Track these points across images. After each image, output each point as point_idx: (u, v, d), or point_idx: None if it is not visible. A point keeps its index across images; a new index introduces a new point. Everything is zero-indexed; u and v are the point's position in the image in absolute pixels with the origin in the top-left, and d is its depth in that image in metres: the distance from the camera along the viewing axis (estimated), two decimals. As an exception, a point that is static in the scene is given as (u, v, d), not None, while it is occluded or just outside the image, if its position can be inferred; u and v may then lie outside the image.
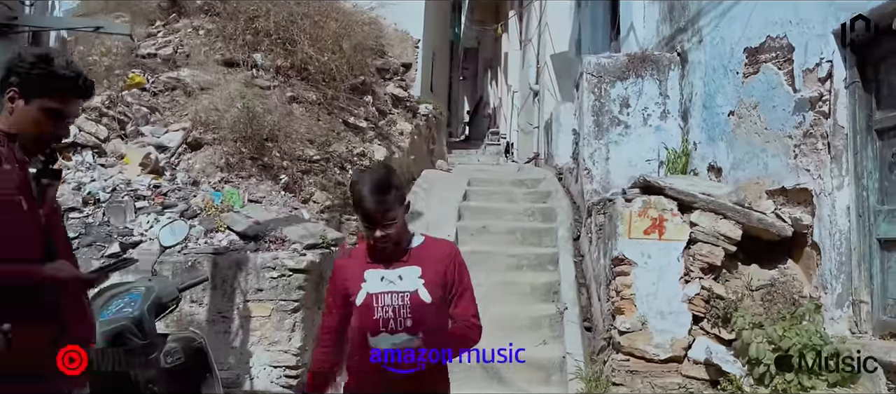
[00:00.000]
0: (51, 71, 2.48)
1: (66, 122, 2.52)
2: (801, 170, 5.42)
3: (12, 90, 2.49)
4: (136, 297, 3.43)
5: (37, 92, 2.47)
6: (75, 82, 2.50)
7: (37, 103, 2.47)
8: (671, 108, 7.68)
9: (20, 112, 2.48)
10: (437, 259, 2.80)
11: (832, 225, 5.11)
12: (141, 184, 5.77)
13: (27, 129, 2.47)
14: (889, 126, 4.86)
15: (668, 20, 8.00)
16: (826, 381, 4.66)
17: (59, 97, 2.48)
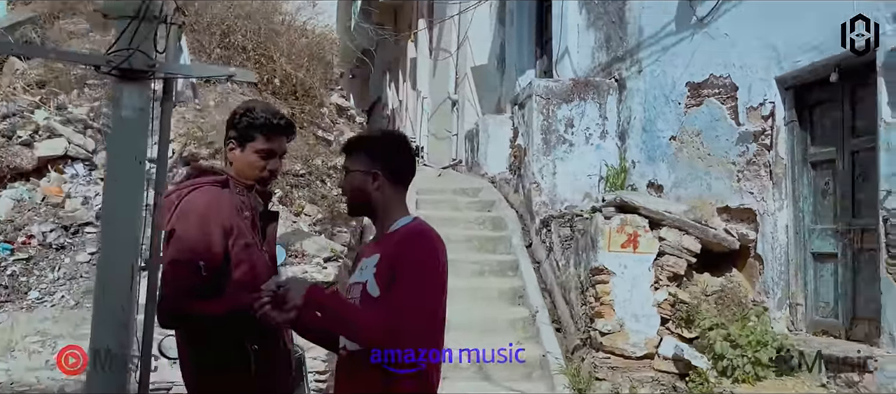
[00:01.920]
0: (254, 118, 2.84)
1: (277, 159, 2.87)
2: (744, 192, 6.39)
3: (230, 143, 2.84)
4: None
5: (247, 139, 2.83)
6: (274, 122, 2.86)
7: (250, 147, 2.83)
8: (609, 128, 8.57)
9: (239, 159, 2.83)
10: (395, 245, 2.34)
11: (774, 240, 6.11)
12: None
13: (248, 172, 2.82)
14: (821, 159, 5.90)
15: (605, 48, 8.88)
16: (775, 371, 5.62)
17: (264, 138, 2.84)
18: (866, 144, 5.41)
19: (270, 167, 2.87)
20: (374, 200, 2.43)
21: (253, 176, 2.84)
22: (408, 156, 2.56)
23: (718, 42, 6.78)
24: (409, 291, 2.23)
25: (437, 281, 2.33)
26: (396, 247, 2.33)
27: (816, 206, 5.94)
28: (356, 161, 2.46)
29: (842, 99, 5.65)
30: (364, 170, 2.43)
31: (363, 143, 2.53)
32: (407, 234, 2.37)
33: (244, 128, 2.82)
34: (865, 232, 5.42)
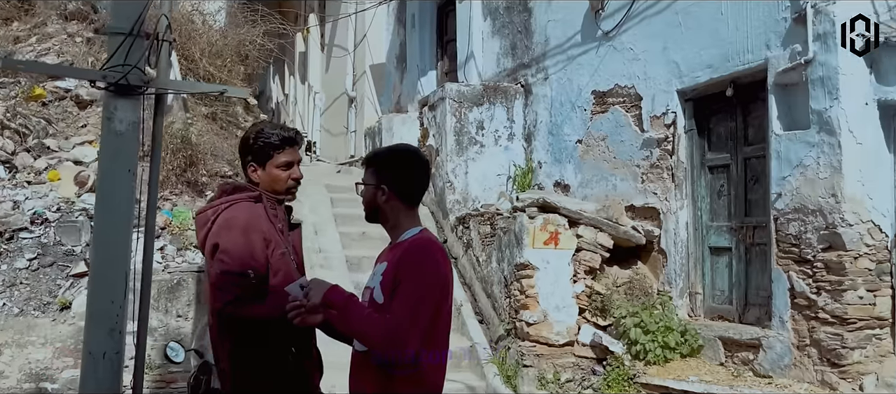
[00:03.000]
0: (268, 137, 3.05)
1: (296, 166, 3.08)
2: (648, 193, 7.09)
3: (251, 165, 3.04)
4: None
5: (266, 158, 3.04)
6: (286, 136, 3.08)
7: (270, 164, 3.03)
8: (517, 131, 9.11)
9: (264, 178, 3.03)
10: (400, 256, 2.53)
11: (676, 236, 6.83)
12: (88, 203, 5.73)
13: (276, 186, 3.03)
14: (717, 164, 6.67)
15: (511, 55, 9.40)
16: (680, 353, 6.33)
17: (281, 152, 3.05)
18: (757, 152, 6.21)
19: (293, 176, 3.08)
20: (383, 211, 2.63)
21: (281, 188, 3.05)
22: (416, 172, 2.71)
23: (623, 55, 7.44)
24: (407, 301, 2.41)
25: (435, 290, 2.50)
26: (402, 257, 2.51)
27: (713, 205, 6.71)
28: (368, 176, 2.69)
29: (735, 111, 6.42)
30: (374, 184, 2.64)
31: (374, 159, 2.75)
32: (410, 246, 2.56)
33: (260, 149, 3.02)
34: (756, 229, 6.22)
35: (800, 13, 5.61)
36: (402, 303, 2.41)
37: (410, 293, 2.43)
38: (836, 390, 5.30)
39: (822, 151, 5.44)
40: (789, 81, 5.73)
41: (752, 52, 6.04)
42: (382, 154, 2.82)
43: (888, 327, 5.41)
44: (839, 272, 5.32)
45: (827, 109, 5.40)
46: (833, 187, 5.37)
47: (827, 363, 5.38)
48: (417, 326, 2.42)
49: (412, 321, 2.40)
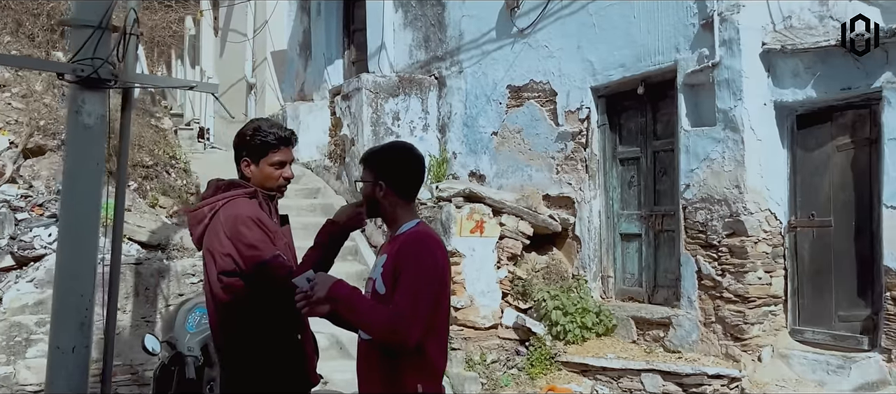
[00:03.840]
0: (264, 135, 3.14)
1: (288, 166, 3.18)
2: (563, 183, 7.53)
3: (244, 160, 3.12)
4: (204, 311, 3.92)
5: (261, 155, 3.12)
6: (281, 136, 3.17)
7: (264, 162, 3.12)
8: (431, 122, 9.35)
9: (256, 174, 3.11)
10: (399, 248, 2.66)
11: (589, 223, 7.30)
12: (8, 194, 5.44)
13: (267, 183, 3.12)
14: (628, 157, 7.18)
15: (424, 47, 9.61)
16: (596, 332, 6.81)
17: (275, 151, 3.14)
18: (665, 146, 6.75)
19: (285, 175, 3.18)
20: (382, 206, 2.76)
21: (272, 186, 3.14)
22: (412, 167, 2.86)
23: (538, 52, 7.83)
24: (408, 292, 2.52)
25: (434, 281, 2.61)
26: (401, 250, 2.64)
27: (624, 195, 7.22)
28: (367, 173, 2.80)
29: (646, 108, 6.93)
30: (372, 181, 2.76)
31: (371, 157, 2.85)
32: (408, 238, 2.68)
33: (256, 146, 3.10)
34: (665, 217, 6.77)
35: (707, 20, 6.14)
36: (403, 293, 2.53)
37: (410, 284, 2.55)
38: (738, 362, 5.90)
39: (727, 146, 6.01)
40: (697, 82, 6.27)
41: (662, 53, 6.54)
42: (379, 152, 2.91)
43: (781, 304, 6.07)
44: (741, 256, 5.92)
45: (732, 109, 5.97)
46: (737, 179, 5.95)
47: (730, 338, 5.98)
48: (418, 314, 2.53)
49: (413, 310, 2.52)
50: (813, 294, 5.94)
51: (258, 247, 2.90)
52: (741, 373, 5.81)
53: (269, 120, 3.28)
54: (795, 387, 5.65)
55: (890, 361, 5.35)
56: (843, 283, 5.75)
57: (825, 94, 5.75)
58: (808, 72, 5.81)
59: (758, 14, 6.02)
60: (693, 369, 5.88)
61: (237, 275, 2.97)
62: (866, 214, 5.60)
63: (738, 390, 5.81)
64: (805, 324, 5.97)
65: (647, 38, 6.68)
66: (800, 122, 6.03)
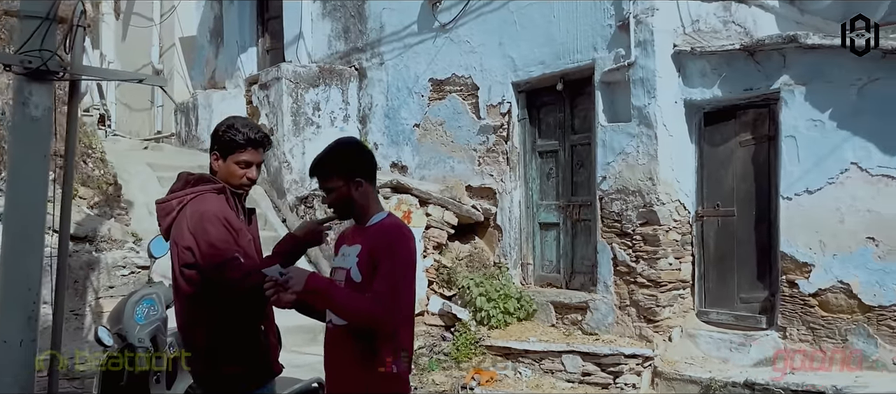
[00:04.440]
0: (235, 133, 3.21)
1: (254, 168, 3.25)
2: (485, 174, 7.80)
3: (214, 154, 3.18)
4: (151, 302, 3.94)
5: (230, 151, 3.19)
6: (252, 137, 3.25)
7: (231, 159, 3.19)
8: (351, 113, 9.43)
9: (222, 169, 3.17)
10: (375, 238, 2.77)
11: (510, 213, 7.61)
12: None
13: (230, 180, 3.18)
14: (547, 150, 7.52)
15: (344, 38, 9.67)
16: (517, 317, 7.13)
17: (243, 150, 3.22)
18: (583, 140, 7.12)
19: (249, 175, 3.25)
20: (357, 201, 2.84)
21: (235, 183, 3.20)
22: (371, 155, 3.07)
23: (461, 47, 8.06)
24: (388, 279, 2.66)
25: (409, 269, 2.78)
26: (377, 240, 2.74)
27: (543, 186, 7.56)
28: (335, 179, 2.82)
29: (564, 104, 7.28)
30: (345, 182, 2.81)
31: (334, 161, 2.86)
32: (383, 228, 2.81)
33: (226, 143, 3.16)
34: (582, 207, 7.15)
35: (623, 22, 6.53)
36: (383, 280, 2.66)
37: (390, 272, 2.68)
38: (651, 342, 6.34)
39: (641, 141, 6.42)
40: (613, 80, 6.66)
41: (581, 52, 6.90)
42: (339, 153, 2.92)
43: (689, 288, 6.56)
44: (654, 243, 6.36)
45: (646, 106, 6.39)
46: (650, 172, 6.37)
47: (644, 320, 6.42)
48: (397, 300, 2.70)
49: (393, 296, 2.68)
50: (717, 278, 6.45)
51: (217, 246, 2.94)
52: (654, 352, 6.25)
53: (246, 120, 3.32)
54: (702, 364, 6.13)
55: (785, 337, 5.90)
56: (744, 267, 6.28)
57: (730, 94, 6.24)
58: (715, 73, 6.29)
59: (670, 17, 6.45)
60: (610, 350, 6.27)
61: (197, 268, 3.03)
62: (765, 205, 6.13)
63: (651, 368, 6.24)
64: (710, 306, 6.48)
65: (566, 37, 7.01)
66: (707, 119, 6.51)
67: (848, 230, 5.60)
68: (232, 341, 3.07)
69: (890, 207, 5.41)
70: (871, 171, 5.49)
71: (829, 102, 5.69)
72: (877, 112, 5.46)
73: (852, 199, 5.57)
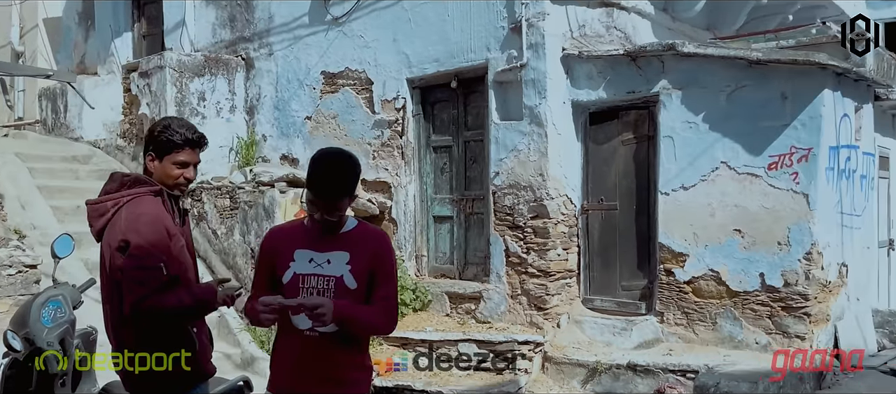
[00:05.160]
0: (171, 133, 3.19)
1: (191, 168, 3.22)
2: (380, 168, 7.92)
3: (149, 155, 3.15)
4: (58, 303, 3.80)
5: (165, 151, 3.17)
6: (189, 137, 3.23)
7: (167, 159, 3.17)
8: (238, 103, 9.26)
9: (158, 170, 3.14)
10: (367, 245, 2.80)
11: (405, 206, 7.78)
12: None
13: (166, 181, 3.16)
14: (441, 145, 7.73)
15: (230, 27, 9.45)
16: (413, 308, 7.33)
17: (180, 151, 3.20)
18: (476, 137, 7.38)
19: (185, 176, 3.23)
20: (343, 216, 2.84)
21: (171, 184, 3.18)
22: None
23: (354, 41, 8.11)
24: (393, 283, 2.84)
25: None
26: (372, 246, 2.81)
27: (437, 180, 7.77)
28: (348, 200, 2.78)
29: (458, 101, 7.51)
30: (350, 200, 2.81)
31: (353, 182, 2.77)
32: (375, 235, 2.89)
33: (163, 142, 3.14)
34: (475, 201, 7.42)
35: (516, 24, 6.83)
36: (389, 286, 2.83)
37: (392, 276, 2.86)
38: (541, 329, 6.71)
39: (533, 139, 6.76)
40: (506, 80, 6.95)
41: (474, 52, 7.14)
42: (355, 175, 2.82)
43: (575, 277, 6.98)
44: (544, 236, 6.72)
45: (537, 105, 6.72)
46: (541, 168, 6.72)
47: (534, 308, 6.78)
48: (397, 302, 2.91)
49: (396, 297, 2.90)
50: (601, 268, 6.91)
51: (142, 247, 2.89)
52: (544, 338, 6.62)
53: (182, 119, 3.27)
54: (588, 348, 6.56)
55: (663, 322, 6.44)
56: (626, 257, 6.77)
57: (613, 96, 6.69)
58: (600, 76, 6.71)
59: (559, 22, 6.81)
60: (504, 337, 6.58)
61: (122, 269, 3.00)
62: (645, 199, 6.63)
63: (541, 353, 6.61)
64: (595, 293, 6.93)
65: (460, 36, 7.23)
66: (592, 118, 6.93)
67: (718, 223, 6.17)
68: (163, 342, 3.06)
69: (754, 202, 6.01)
70: (738, 169, 6.08)
71: (702, 106, 6.23)
72: (743, 116, 6.04)
73: (722, 194, 6.14)
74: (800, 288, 5.83)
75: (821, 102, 5.76)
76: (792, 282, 5.85)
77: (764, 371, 5.49)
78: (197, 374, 3.24)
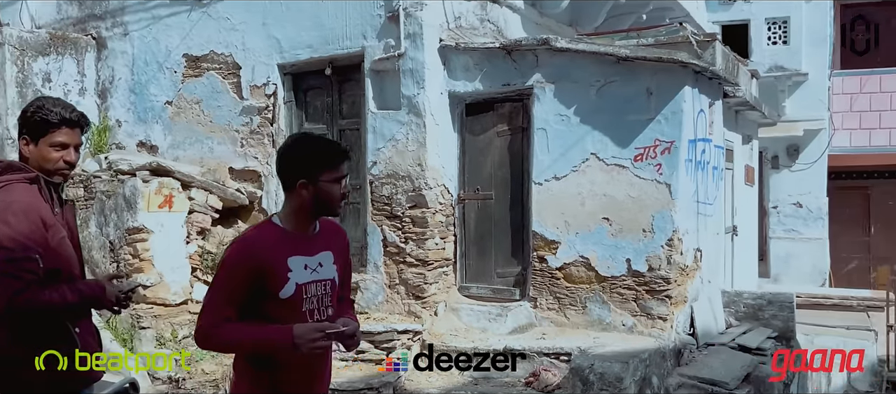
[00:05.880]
0: (46, 113, 2.93)
1: (71, 150, 2.95)
2: (249, 157, 7.65)
3: (23, 139, 2.86)
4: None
5: (41, 134, 2.90)
6: (66, 117, 2.97)
7: (43, 142, 2.90)
8: (88, 86, 8.60)
9: (34, 154, 2.86)
10: (339, 241, 2.76)
11: (277, 197, 7.54)
12: None
13: (45, 166, 2.88)
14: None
15: (78, 2, 8.74)
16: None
17: (57, 131, 2.94)
18: (352, 125, 7.29)
19: (66, 159, 2.97)
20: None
21: (50, 168, 2.91)
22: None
23: (220, 23, 7.76)
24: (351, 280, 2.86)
25: None
26: (342, 241, 2.78)
27: (309, 169, 7.59)
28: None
29: (333, 88, 7.38)
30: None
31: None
32: (338, 229, 2.82)
33: (36, 123, 2.87)
34: (351, 190, 7.32)
35: (393, 13, 6.80)
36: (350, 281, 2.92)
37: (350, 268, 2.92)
38: (419, 317, 6.76)
39: (411, 128, 6.77)
40: (383, 68, 6.91)
41: (350, 39, 7.04)
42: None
43: (452, 265, 7.09)
44: (422, 225, 6.76)
45: (415, 95, 6.74)
46: (419, 158, 6.75)
47: (412, 297, 6.81)
48: None
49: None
50: (477, 256, 7.05)
51: (13, 239, 2.66)
52: (422, 327, 6.68)
53: (57, 99, 2.98)
54: (465, 335, 6.68)
55: (536, 307, 6.67)
56: (501, 245, 6.95)
57: (489, 88, 6.83)
58: (477, 68, 6.83)
59: (436, 13, 6.85)
60: (384, 327, 6.57)
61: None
62: (519, 189, 6.83)
63: (420, 341, 6.66)
64: (471, 281, 7.06)
65: (335, 22, 7.10)
66: (468, 110, 7.04)
67: (588, 212, 6.47)
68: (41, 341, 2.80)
69: (621, 191, 6.35)
70: (607, 160, 6.40)
71: (573, 100, 6.49)
72: (612, 110, 6.36)
73: (592, 184, 6.44)
74: (662, 272, 6.23)
75: (682, 98, 6.17)
76: (655, 267, 6.24)
77: (632, 351, 5.83)
78: (79, 377, 2.99)
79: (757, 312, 7.31)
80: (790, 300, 7.29)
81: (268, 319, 2.53)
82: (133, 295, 3.11)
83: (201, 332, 2.58)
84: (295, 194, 2.61)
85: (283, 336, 2.49)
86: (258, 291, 2.51)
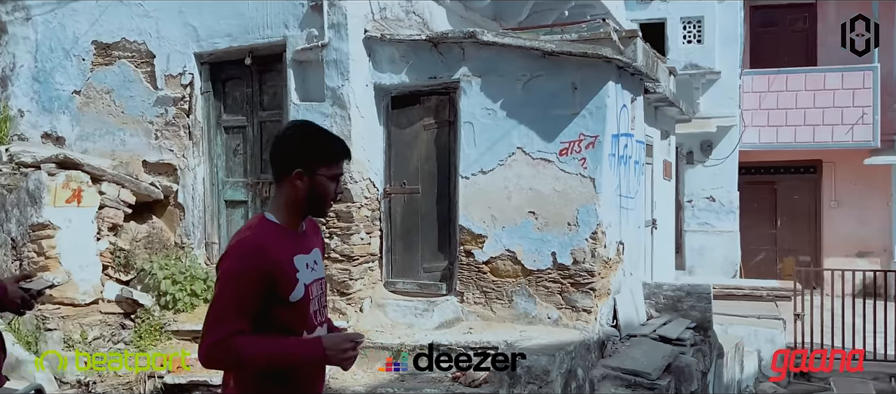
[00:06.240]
0: None
1: None
2: (164, 149, 7.33)
3: None
4: None
5: None
6: None
7: None
8: (-13, 73, 8.07)
9: None
10: (318, 235, 2.64)
11: (194, 191, 7.27)
12: None
13: None
14: (233, 125, 7.32)
15: (-26, -16, 8.20)
16: (204, 299, 6.89)
17: None
18: (273, 117, 7.07)
19: None
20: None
21: None
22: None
23: (132, 10, 7.40)
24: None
25: None
26: (320, 236, 2.65)
27: (229, 163, 7.35)
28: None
29: (253, 79, 7.14)
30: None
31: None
32: (317, 224, 2.67)
33: None
34: (272, 185, 7.05)
35: (317, 2, 6.62)
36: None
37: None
38: (345, 314, 6.62)
39: (335, 121, 6.61)
40: (306, 59, 6.73)
41: (271, 28, 6.83)
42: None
43: (378, 261, 6.97)
44: (347, 220, 6.62)
45: (339, 87, 6.59)
46: (343, 151, 6.59)
47: (338, 294, 6.66)
48: None
49: None
50: (403, 250, 6.96)
51: None
52: (347, 324, 6.54)
53: None
54: (391, 331, 6.58)
55: (463, 301, 6.63)
56: (428, 240, 6.87)
57: (416, 80, 6.74)
58: (403, 60, 6.73)
59: (361, 3, 6.71)
60: (308, 325, 6.39)
61: None
62: (446, 183, 6.77)
63: (345, 339, 6.51)
64: (397, 276, 6.97)
65: (255, 11, 6.87)
66: (394, 102, 6.93)
67: (514, 206, 6.47)
68: None
69: (546, 185, 6.37)
70: (533, 155, 6.41)
71: (500, 94, 6.48)
72: (538, 105, 6.37)
73: (518, 178, 6.44)
74: (587, 265, 6.29)
75: (606, 93, 6.23)
76: (580, 260, 6.30)
77: (557, 344, 5.86)
78: None
79: (676, 303, 7.49)
80: (708, 292, 7.49)
81: (277, 325, 2.30)
82: (43, 294, 2.91)
83: (211, 349, 2.25)
84: (288, 184, 2.37)
85: (313, 349, 2.32)
86: (269, 298, 2.27)
